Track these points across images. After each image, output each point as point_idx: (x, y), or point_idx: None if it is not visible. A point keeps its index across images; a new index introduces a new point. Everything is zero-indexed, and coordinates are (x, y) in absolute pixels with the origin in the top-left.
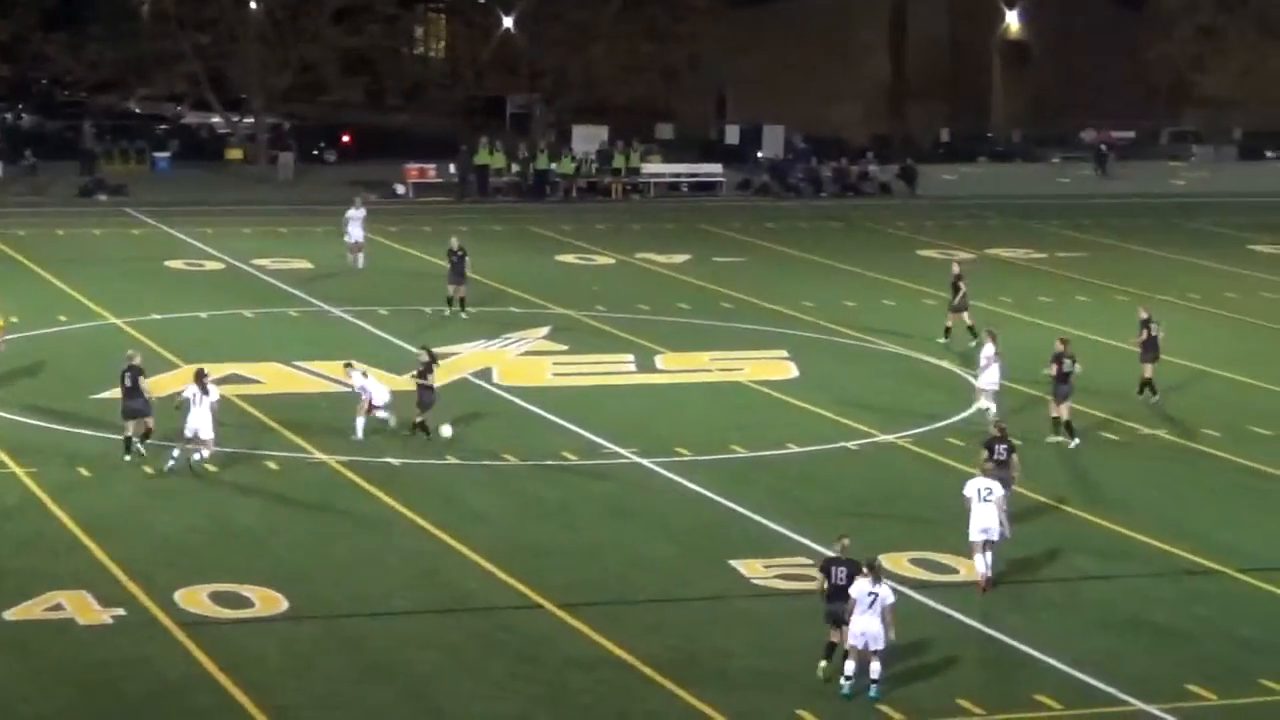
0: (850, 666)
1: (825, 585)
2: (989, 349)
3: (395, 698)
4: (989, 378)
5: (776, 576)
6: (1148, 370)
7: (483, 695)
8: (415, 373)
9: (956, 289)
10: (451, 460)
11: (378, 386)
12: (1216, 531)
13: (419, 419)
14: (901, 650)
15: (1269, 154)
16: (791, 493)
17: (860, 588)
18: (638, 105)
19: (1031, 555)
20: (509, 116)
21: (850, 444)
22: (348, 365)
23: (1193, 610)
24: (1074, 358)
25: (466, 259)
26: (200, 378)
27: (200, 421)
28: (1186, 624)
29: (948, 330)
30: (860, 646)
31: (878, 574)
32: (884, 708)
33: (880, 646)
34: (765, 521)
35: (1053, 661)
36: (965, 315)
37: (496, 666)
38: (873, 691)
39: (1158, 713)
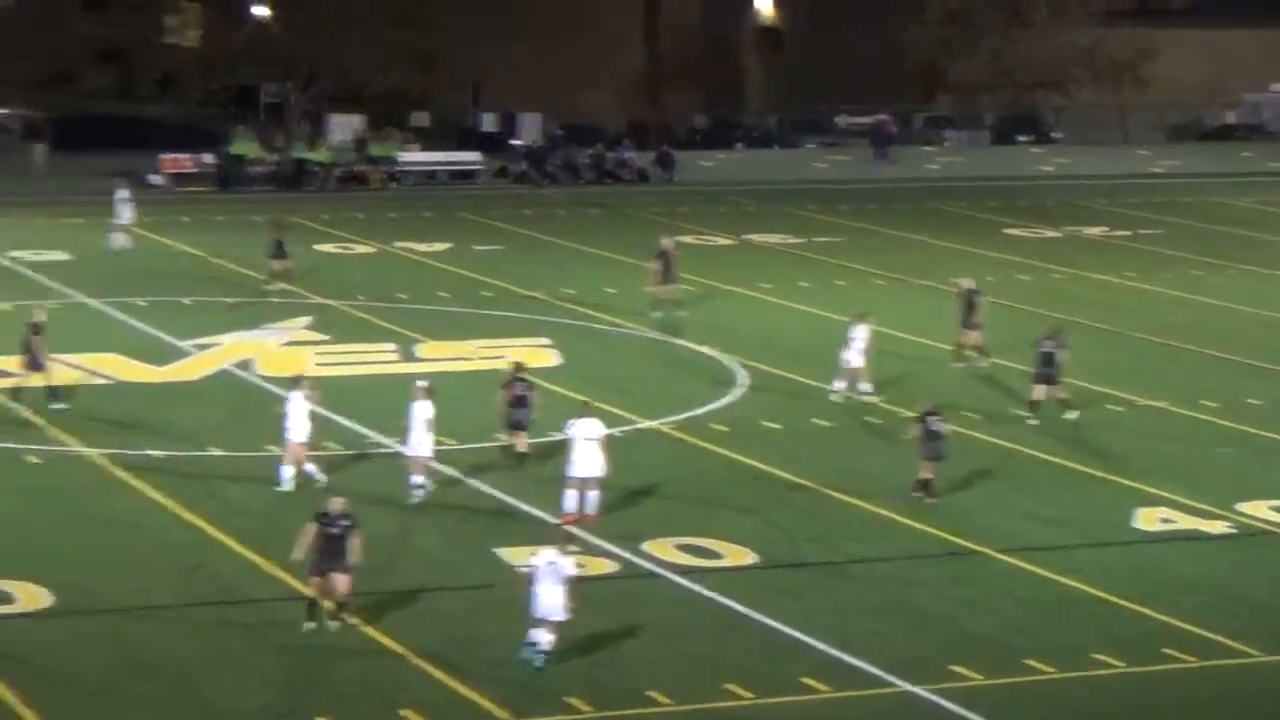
0: (538, 635)
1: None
2: (861, 329)
3: (162, 691)
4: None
5: None
6: (975, 337)
7: (249, 687)
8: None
9: (971, 306)
10: (215, 452)
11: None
12: (977, 513)
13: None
14: (668, 635)
15: (1020, 138)
16: (555, 480)
17: (543, 557)
18: (394, 93)
19: (796, 539)
20: (263, 106)
21: (614, 431)
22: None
23: (955, 591)
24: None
25: (677, 257)
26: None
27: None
28: (949, 605)
29: (959, 349)
30: (539, 615)
31: (561, 545)
32: (651, 693)
33: (558, 618)
34: (530, 509)
35: (819, 644)
36: (977, 334)
37: (262, 658)
38: (537, 661)
39: (923, 693)
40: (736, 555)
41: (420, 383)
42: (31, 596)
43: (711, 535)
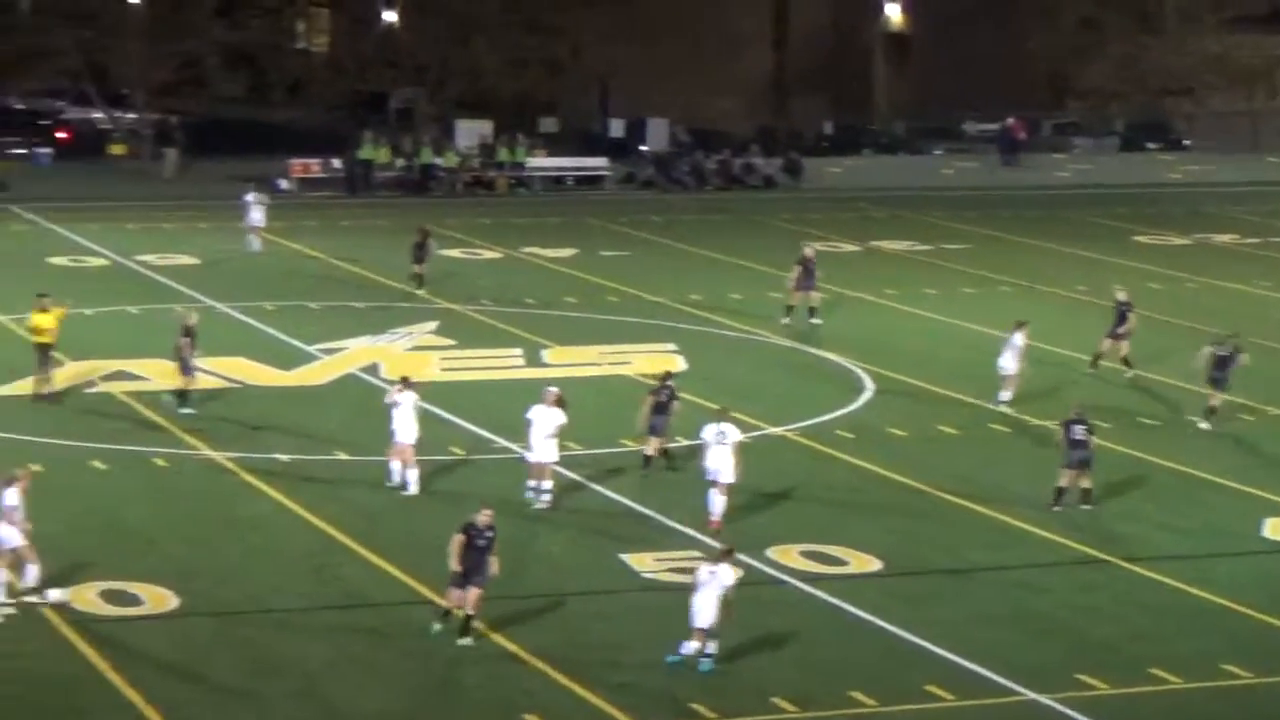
0: (710, 645)
1: None
2: (1018, 336)
3: (286, 694)
4: (1007, 363)
5: (667, 570)
6: (1124, 348)
7: (373, 690)
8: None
9: (1122, 318)
10: (340, 456)
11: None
12: (1104, 521)
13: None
14: (793, 642)
15: (1150, 145)
16: (681, 486)
17: (705, 566)
18: (521, 98)
19: (921, 546)
20: (392, 111)
21: (740, 437)
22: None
23: (1081, 599)
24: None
25: (816, 264)
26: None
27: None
28: (1074, 613)
29: (1097, 358)
30: (693, 624)
31: (724, 558)
32: (776, 699)
33: (703, 625)
34: (654, 514)
35: (944, 652)
36: (1124, 345)
37: (387, 661)
38: (670, 657)
39: (1049, 702)
40: (861, 562)
41: (550, 389)
42: (158, 598)
43: (836, 542)
